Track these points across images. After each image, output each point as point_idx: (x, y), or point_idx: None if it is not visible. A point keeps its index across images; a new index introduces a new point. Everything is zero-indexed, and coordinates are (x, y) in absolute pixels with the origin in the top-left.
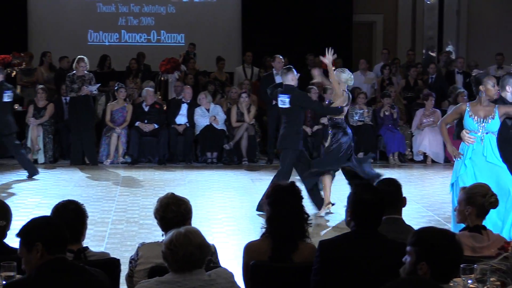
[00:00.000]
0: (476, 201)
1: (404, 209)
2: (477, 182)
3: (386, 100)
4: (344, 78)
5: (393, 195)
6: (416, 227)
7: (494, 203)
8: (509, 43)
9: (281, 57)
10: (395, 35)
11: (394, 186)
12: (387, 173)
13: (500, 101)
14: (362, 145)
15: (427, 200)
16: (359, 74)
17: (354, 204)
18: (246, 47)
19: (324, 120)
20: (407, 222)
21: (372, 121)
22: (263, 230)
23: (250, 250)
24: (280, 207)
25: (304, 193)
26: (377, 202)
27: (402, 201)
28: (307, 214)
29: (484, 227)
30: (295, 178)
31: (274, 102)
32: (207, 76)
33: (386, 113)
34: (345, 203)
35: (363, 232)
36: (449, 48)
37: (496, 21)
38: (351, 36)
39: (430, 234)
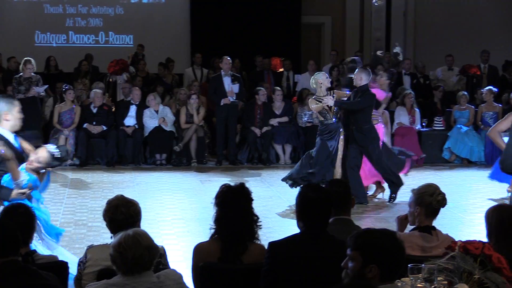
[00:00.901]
0: (424, 201)
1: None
2: (426, 183)
3: None
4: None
5: (342, 196)
6: None
7: (442, 202)
8: (457, 44)
9: (229, 58)
10: (343, 37)
11: (343, 186)
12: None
13: None
14: (310, 146)
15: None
16: (308, 75)
17: (301, 204)
18: (196, 48)
19: (274, 122)
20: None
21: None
22: (212, 231)
23: (200, 252)
24: (228, 208)
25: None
26: (323, 201)
27: (351, 202)
28: (256, 216)
29: (434, 228)
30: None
31: (222, 103)
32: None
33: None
34: None
35: (312, 233)
36: (397, 49)
37: (443, 23)
38: (299, 38)
39: (374, 236)
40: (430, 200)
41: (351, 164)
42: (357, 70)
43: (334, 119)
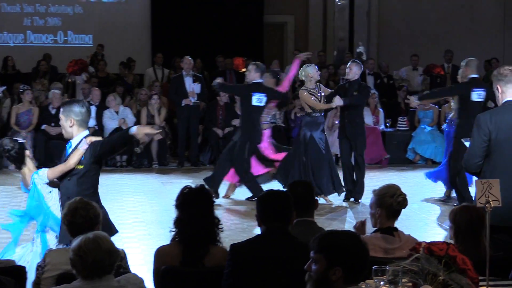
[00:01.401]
0: (385, 202)
1: None
2: (387, 184)
3: (297, 102)
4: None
5: (305, 198)
6: None
7: (402, 203)
8: (420, 44)
9: (190, 58)
10: (306, 36)
11: (306, 188)
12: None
13: None
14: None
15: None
16: (271, 75)
17: (262, 205)
18: (156, 48)
19: (236, 122)
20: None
21: (284, 123)
22: (173, 234)
23: (161, 255)
24: (188, 210)
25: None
26: (284, 202)
27: (315, 203)
28: (217, 218)
29: (396, 229)
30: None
31: (183, 104)
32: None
33: (298, 115)
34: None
35: (274, 235)
36: (360, 49)
37: (407, 22)
38: (262, 37)
39: (338, 238)
40: (391, 202)
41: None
42: (349, 63)
43: (322, 113)
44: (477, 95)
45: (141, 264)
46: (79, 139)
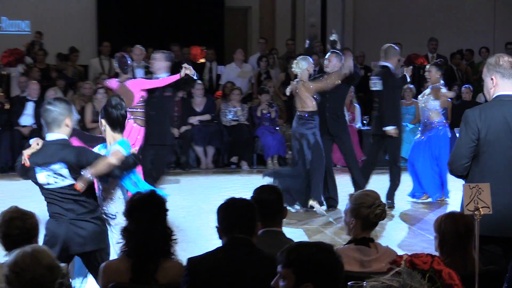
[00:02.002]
0: (361, 213)
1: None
2: (365, 190)
3: (263, 97)
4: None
5: (273, 205)
6: None
7: (380, 215)
8: (401, 31)
9: (141, 47)
10: (272, 22)
11: (275, 194)
12: (265, 179)
13: None
14: (236, 147)
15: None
16: (234, 66)
17: (223, 214)
18: (103, 36)
19: (194, 120)
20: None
21: (248, 120)
22: (122, 247)
23: (109, 271)
24: (137, 221)
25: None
26: (249, 210)
27: (284, 212)
28: (170, 229)
29: (372, 239)
30: None
31: None
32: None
33: (264, 112)
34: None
35: (237, 247)
36: (333, 37)
37: (386, 7)
38: (223, 24)
39: (308, 251)
40: (367, 213)
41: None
42: (328, 54)
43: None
44: (373, 84)
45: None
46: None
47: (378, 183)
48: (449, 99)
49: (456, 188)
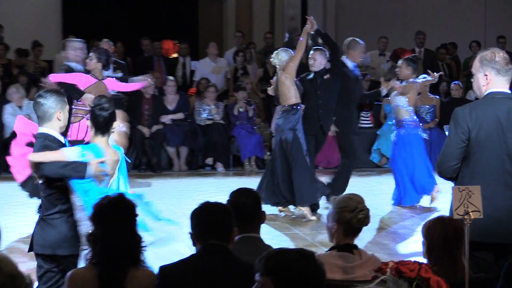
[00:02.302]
0: (343, 217)
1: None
2: (348, 194)
3: (240, 94)
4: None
5: (251, 209)
6: None
7: (363, 220)
8: (388, 23)
9: (110, 42)
10: (250, 15)
11: (252, 197)
12: (242, 182)
13: None
14: (211, 148)
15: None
16: (208, 61)
17: (196, 220)
18: (68, 29)
19: (166, 119)
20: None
21: (224, 119)
22: (88, 255)
23: (74, 280)
24: (105, 226)
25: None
26: (223, 215)
27: (261, 217)
28: (139, 235)
29: (356, 246)
30: None
31: None
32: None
33: (241, 110)
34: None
35: (212, 254)
36: (287, 38)
37: None
38: (197, 17)
39: (288, 258)
40: (350, 217)
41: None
42: (311, 52)
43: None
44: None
45: None
46: None
47: (362, 185)
48: (437, 96)
49: (443, 190)
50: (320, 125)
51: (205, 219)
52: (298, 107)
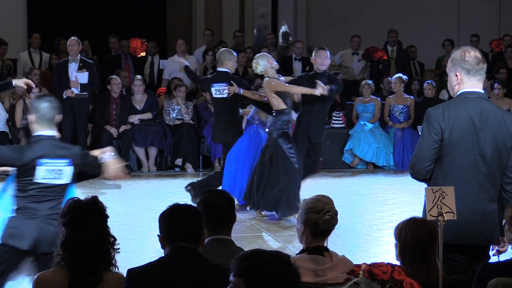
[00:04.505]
0: (310, 219)
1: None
2: (317, 195)
3: (209, 94)
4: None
5: (223, 210)
6: None
7: (329, 222)
8: (361, 22)
9: (77, 39)
10: (219, 13)
11: (226, 199)
12: None
13: None
14: (180, 149)
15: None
16: (176, 59)
17: (166, 222)
18: (33, 27)
19: (134, 119)
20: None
21: (193, 119)
22: (58, 258)
23: (42, 283)
24: (76, 228)
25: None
26: (193, 217)
27: (234, 218)
28: (112, 237)
29: (326, 248)
30: None
31: (65, 96)
32: None
33: (212, 110)
34: None
35: (181, 256)
36: (285, 28)
37: None
38: (165, 14)
39: (262, 260)
40: (316, 219)
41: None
42: (317, 50)
43: (291, 111)
44: (215, 91)
45: None
46: None
47: (334, 186)
48: (411, 96)
49: (416, 191)
50: (307, 133)
51: (174, 221)
52: (285, 111)
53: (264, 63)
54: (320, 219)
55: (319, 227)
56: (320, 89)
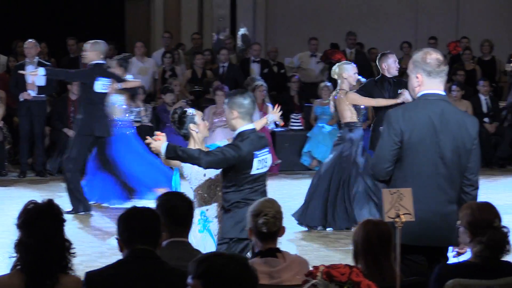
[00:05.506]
0: (252, 222)
1: None
2: (263, 198)
3: (168, 97)
4: None
5: (183, 213)
6: None
7: (266, 225)
8: (320, 24)
9: (34, 41)
10: (177, 14)
11: (186, 201)
12: None
13: None
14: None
15: None
16: (134, 61)
17: (124, 224)
18: None
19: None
20: None
21: (152, 121)
22: (14, 261)
23: None
24: (32, 231)
25: None
26: (151, 219)
27: (192, 220)
28: (68, 241)
29: (278, 249)
30: None
31: (22, 98)
32: None
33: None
34: None
35: (139, 259)
36: (244, 30)
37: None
38: (123, 16)
39: (220, 262)
40: (255, 222)
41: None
42: (382, 56)
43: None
44: (101, 85)
45: None
46: None
47: (292, 188)
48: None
49: None
50: None
51: (132, 224)
52: (354, 126)
53: (343, 73)
54: (258, 222)
55: (260, 230)
56: (403, 97)
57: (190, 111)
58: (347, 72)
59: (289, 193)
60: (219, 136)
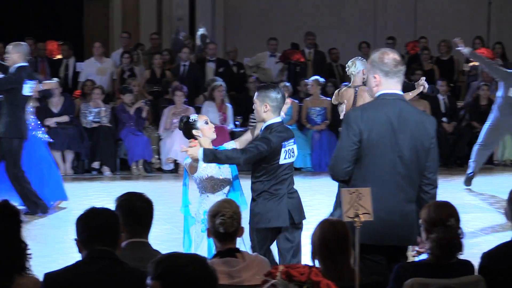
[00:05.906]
0: (209, 222)
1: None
2: (221, 199)
3: (126, 97)
4: None
5: (145, 212)
6: None
7: (223, 225)
8: (279, 24)
9: None
10: (136, 14)
11: (146, 202)
12: (129, 186)
13: None
14: (97, 152)
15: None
16: (93, 61)
17: (82, 225)
18: None
19: (50, 122)
20: None
21: (111, 122)
22: None
23: None
24: None
25: None
26: (110, 220)
27: (151, 222)
28: (24, 242)
29: (238, 249)
30: None
31: None
32: None
33: (131, 113)
34: None
35: (98, 260)
36: (202, 31)
37: None
38: (82, 16)
39: (179, 263)
40: (213, 222)
41: None
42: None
43: None
44: (29, 88)
45: None
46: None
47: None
48: (328, 98)
49: (334, 193)
50: None
51: (91, 224)
52: None
53: (359, 69)
54: (215, 222)
55: (217, 231)
56: (421, 87)
57: (192, 117)
58: (362, 68)
59: (248, 193)
60: (179, 138)
